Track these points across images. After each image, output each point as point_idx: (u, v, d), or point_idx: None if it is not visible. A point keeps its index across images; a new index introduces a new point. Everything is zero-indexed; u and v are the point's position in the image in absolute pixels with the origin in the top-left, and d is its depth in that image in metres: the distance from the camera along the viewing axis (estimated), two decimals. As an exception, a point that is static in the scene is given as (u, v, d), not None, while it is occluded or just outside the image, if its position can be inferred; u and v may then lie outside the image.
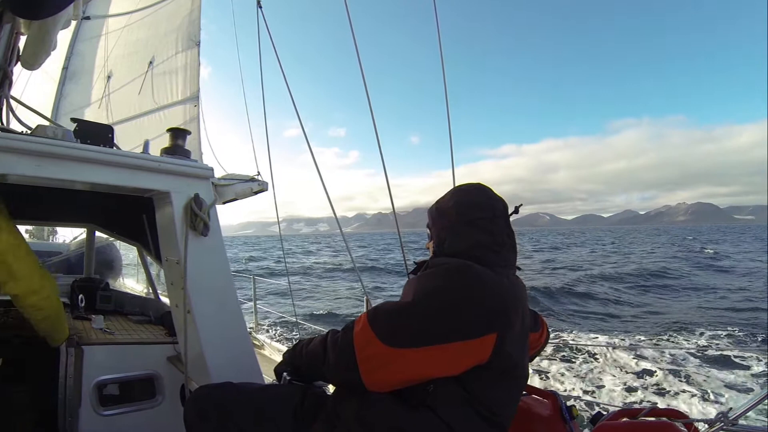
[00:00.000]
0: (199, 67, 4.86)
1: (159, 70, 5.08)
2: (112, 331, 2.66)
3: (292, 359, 1.41)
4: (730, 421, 1.37)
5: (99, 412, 2.26)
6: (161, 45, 5.19)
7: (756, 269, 26.55)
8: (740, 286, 20.17)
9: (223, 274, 1.90)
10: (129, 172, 1.70)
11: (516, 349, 1.13)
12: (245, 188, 2.74)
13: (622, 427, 1.33)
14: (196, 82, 4.83)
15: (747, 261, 32.70)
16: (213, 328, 1.82)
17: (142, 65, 5.22)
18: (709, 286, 20.24)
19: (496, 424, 1.12)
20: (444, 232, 1.30)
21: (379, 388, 1.10)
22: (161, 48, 5.17)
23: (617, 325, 13.31)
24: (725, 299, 16.83)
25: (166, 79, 5.04)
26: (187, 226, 1.78)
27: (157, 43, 5.24)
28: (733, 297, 17.21)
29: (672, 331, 11.85)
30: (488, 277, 1.11)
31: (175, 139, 1.86)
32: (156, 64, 5.08)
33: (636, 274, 23.95)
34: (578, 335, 11.87)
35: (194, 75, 4.87)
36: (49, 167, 1.52)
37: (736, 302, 15.98)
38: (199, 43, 4.93)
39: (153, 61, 5.11)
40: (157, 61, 5.10)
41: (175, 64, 5.03)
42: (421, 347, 1.03)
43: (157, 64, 5.08)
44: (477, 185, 1.35)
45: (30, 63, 1.84)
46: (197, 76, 4.85)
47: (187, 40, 5.02)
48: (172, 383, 2.45)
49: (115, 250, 5.18)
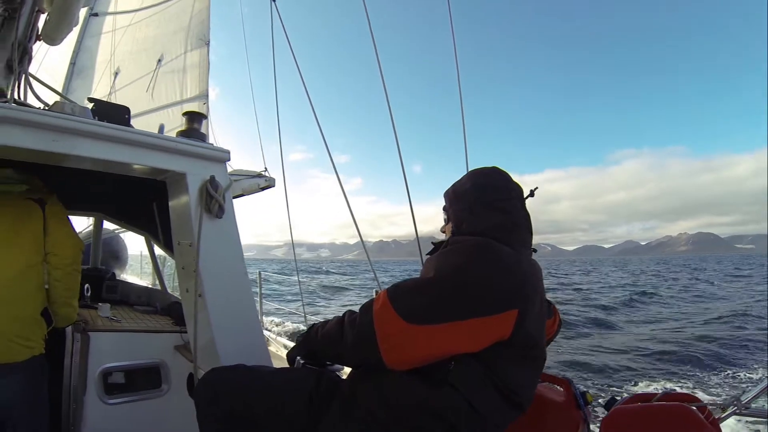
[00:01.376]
0: (209, 66, 4.87)
1: (168, 68, 5.10)
2: (118, 319, 2.66)
3: (307, 343, 1.39)
4: (743, 405, 1.37)
5: (104, 400, 2.25)
6: (170, 43, 5.21)
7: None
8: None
9: (236, 257, 1.89)
10: (146, 151, 1.70)
11: (536, 327, 1.13)
12: (252, 184, 2.75)
13: (636, 411, 1.33)
14: (206, 80, 4.85)
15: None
16: (224, 313, 1.81)
17: (150, 62, 5.24)
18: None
19: (516, 404, 1.12)
20: (462, 214, 1.31)
21: (399, 367, 1.09)
22: (170, 46, 5.19)
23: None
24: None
25: (174, 77, 5.05)
26: (202, 207, 1.77)
27: (166, 41, 5.26)
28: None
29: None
30: (508, 255, 1.12)
31: (191, 122, 1.86)
32: (165, 62, 5.10)
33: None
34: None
35: (204, 73, 4.88)
36: (66, 143, 1.51)
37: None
38: (209, 42, 4.95)
39: (162, 59, 5.13)
40: (166, 59, 5.12)
41: (184, 62, 5.04)
42: (443, 323, 1.03)
43: (166, 62, 5.10)
44: (493, 168, 1.36)
45: (52, 38, 1.86)
46: (206, 74, 4.86)
47: (197, 39, 5.04)
48: (179, 373, 2.44)
49: (121, 242, 5.18)
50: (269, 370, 1.49)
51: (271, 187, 2.93)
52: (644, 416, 1.31)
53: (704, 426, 1.23)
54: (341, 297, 22.66)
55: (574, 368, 9.18)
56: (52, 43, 1.94)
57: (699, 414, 1.27)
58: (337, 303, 19.89)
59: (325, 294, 24.16)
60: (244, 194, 2.76)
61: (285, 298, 17.07)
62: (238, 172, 2.79)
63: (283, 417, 1.31)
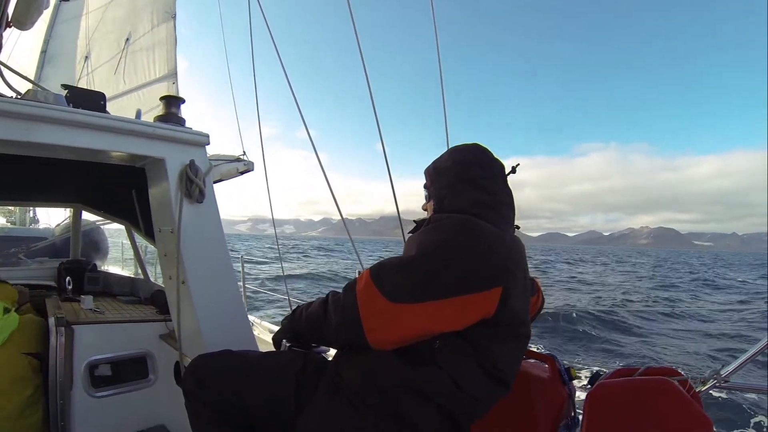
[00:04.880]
0: (176, 42, 4.69)
1: (136, 47, 4.89)
2: (102, 310, 2.62)
3: (292, 325, 1.37)
4: (723, 378, 1.41)
5: (91, 394, 2.23)
6: (137, 20, 4.99)
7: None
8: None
9: (218, 242, 1.86)
10: (123, 137, 1.65)
11: (520, 304, 1.12)
12: (231, 168, 2.69)
13: (620, 385, 1.35)
14: (173, 57, 4.69)
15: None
16: (208, 299, 1.79)
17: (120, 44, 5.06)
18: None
19: (502, 381, 1.12)
20: (444, 191, 1.29)
21: (383, 346, 1.09)
22: (137, 23, 4.98)
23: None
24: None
25: (143, 56, 4.86)
26: (181, 193, 1.74)
27: (135, 19, 5.05)
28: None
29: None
30: (491, 231, 1.11)
31: (168, 106, 1.81)
32: (133, 40, 4.90)
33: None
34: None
35: (171, 50, 4.72)
36: (41, 131, 1.46)
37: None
38: (175, 15, 4.75)
39: (129, 38, 4.93)
40: (133, 38, 4.92)
41: (152, 39, 4.84)
42: (426, 302, 1.02)
43: (134, 41, 4.89)
44: (474, 145, 1.35)
45: (22, 22, 1.78)
46: (174, 50, 4.70)
47: (163, 12, 4.84)
48: (165, 362, 2.42)
49: (101, 233, 5.09)
50: (255, 355, 1.48)
51: (250, 171, 2.88)
52: (628, 390, 1.33)
53: (686, 399, 1.26)
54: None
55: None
56: (22, 27, 1.86)
57: (680, 387, 1.30)
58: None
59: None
60: (223, 179, 2.71)
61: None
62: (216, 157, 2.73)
63: (271, 400, 1.32)
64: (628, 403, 1.31)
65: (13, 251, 4.20)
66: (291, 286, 18.02)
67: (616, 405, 1.32)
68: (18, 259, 4.08)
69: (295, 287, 17.20)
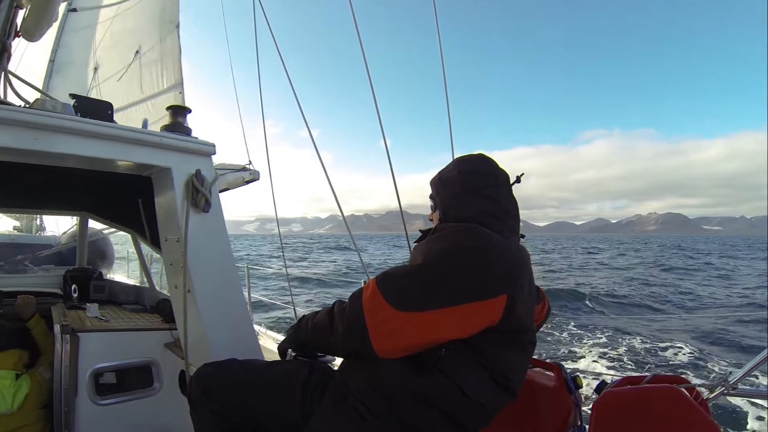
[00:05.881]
0: (180, 51, 4.71)
1: (145, 59, 4.95)
2: (107, 319, 2.63)
3: (297, 334, 1.38)
4: (731, 385, 1.40)
5: (96, 402, 2.23)
6: (146, 33, 5.04)
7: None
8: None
9: (223, 251, 1.87)
10: (130, 147, 1.67)
11: (525, 312, 1.13)
12: (237, 177, 2.72)
13: (627, 393, 1.35)
14: (179, 67, 4.70)
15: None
16: (214, 308, 1.79)
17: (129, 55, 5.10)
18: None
19: (508, 389, 1.12)
20: (449, 201, 1.30)
21: (389, 355, 1.08)
22: (146, 36, 5.02)
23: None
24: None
25: (152, 68, 4.90)
26: (188, 202, 1.75)
27: (143, 31, 5.10)
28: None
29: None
30: (497, 240, 1.12)
31: (175, 116, 1.83)
32: (143, 53, 4.96)
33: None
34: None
35: (176, 60, 4.73)
36: (49, 140, 1.48)
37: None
38: (179, 25, 4.77)
39: (139, 51, 4.99)
40: (143, 50, 4.97)
41: (160, 51, 4.88)
42: (432, 310, 1.02)
43: (143, 53, 4.95)
44: (479, 155, 1.36)
45: (31, 34, 1.81)
46: (179, 60, 4.70)
47: (168, 23, 4.86)
48: (170, 370, 2.42)
49: (107, 242, 5.11)
50: (261, 364, 1.49)
51: (256, 181, 2.90)
52: (635, 399, 1.33)
53: (693, 407, 1.25)
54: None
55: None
56: (31, 39, 1.89)
57: (688, 395, 1.29)
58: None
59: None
60: (229, 188, 2.73)
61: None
62: (222, 166, 2.75)
63: (277, 409, 1.31)
64: (635, 411, 1.30)
65: (20, 258, 4.23)
66: (296, 290, 18.12)
67: (624, 413, 1.31)
68: (24, 266, 4.11)
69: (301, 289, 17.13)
